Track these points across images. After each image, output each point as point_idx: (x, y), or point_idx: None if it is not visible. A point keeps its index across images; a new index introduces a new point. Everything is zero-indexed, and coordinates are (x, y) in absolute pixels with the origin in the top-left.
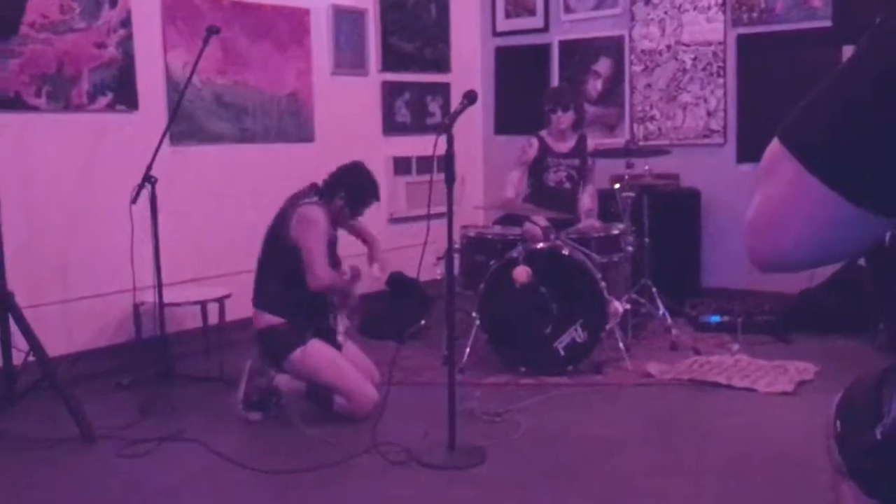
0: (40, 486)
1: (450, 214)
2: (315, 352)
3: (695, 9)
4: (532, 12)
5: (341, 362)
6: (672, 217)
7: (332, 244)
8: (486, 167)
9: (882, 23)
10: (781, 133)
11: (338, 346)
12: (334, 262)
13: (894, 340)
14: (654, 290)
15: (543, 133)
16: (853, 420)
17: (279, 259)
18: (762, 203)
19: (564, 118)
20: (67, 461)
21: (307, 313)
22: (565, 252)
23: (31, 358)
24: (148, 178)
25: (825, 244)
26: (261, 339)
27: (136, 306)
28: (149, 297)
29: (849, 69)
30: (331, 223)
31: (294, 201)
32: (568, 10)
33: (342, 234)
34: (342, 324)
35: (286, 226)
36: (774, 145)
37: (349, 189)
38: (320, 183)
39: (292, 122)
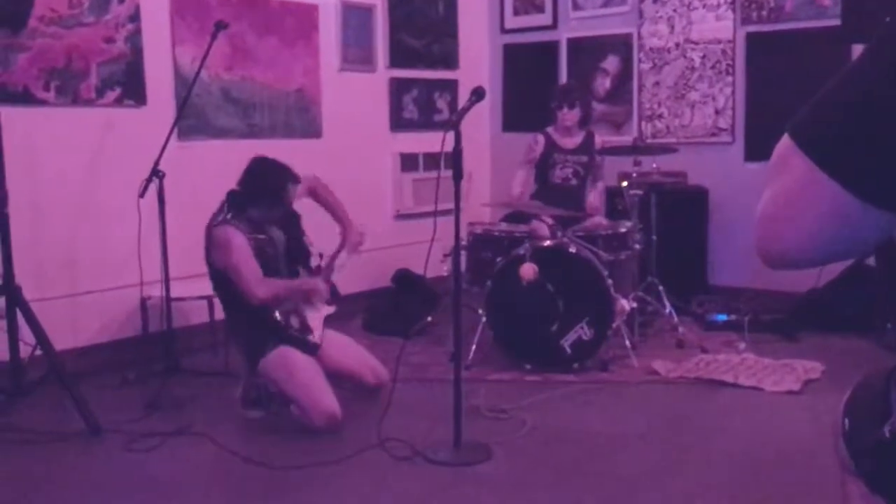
0: (47, 479)
1: (457, 211)
2: (271, 363)
3: (704, 7)
4: (540, 9)
5: (298, 372)
6: (679, 215)
7: (266, 249)
8: (493, 164)
9: (892, 22)
10: (791, 129)
11: (312, 346)
12: (295, 261)
13: None
14: (660, 288)
15: (550, 129)
16: (861, 418)
17: (216, 285)
18: (772, 199)
19: (570, 115)
20: (74, 455)
21: (264, 333)
22: (572, 250)
23: (37, 352)
24: (155, 173)
25: (834, 241)
26: (239, 353)
27: (143, 301)
28: (156, 291)
29: (859, 67)
30: (258, 229)
31: (207, 228)
32: (576, 7)
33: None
34: (314, 318)
35: (208, 252)
36: (785, 141)
37: (261, 190)
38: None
39: (300, 118)
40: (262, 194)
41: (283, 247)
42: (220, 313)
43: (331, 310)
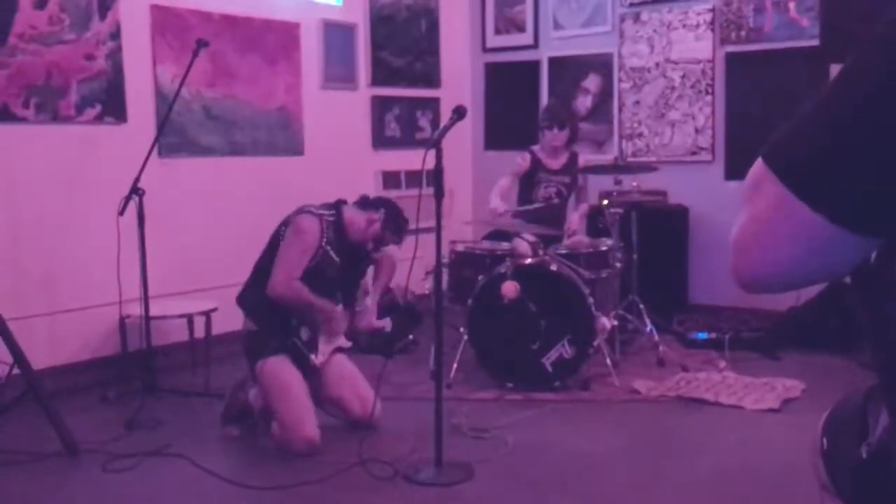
0: (23, 500)
1: (438, 229)
2: (268, 371)
3: (684, 27)
4: (522, 29)
5: (289, 390)
6: (660, 233)
7: (328, 269)
8: (475, 182)
9: (867, 44)
10: (765, 154)
11: (311, 366)
12: (344, 291)
13: (876, 359)
14: (641, 306)
15: (536, 148)
16: (840, 437)
17: (268, 262)
18: (746, 224)
19: (559, 136)
20: (51, 475)
21: (273, 325)
22: (553, 268)
23: (15, 371)
24: (135, 191)
25: (809, 265)
26: (241, 342)
27: (122, 319)
28: (135, 309)
29: (833, 91)
30: (343, 250)
31: (299, 208)
32: (557, 26)
33: None
34: (325, 342)
35: (281, 231)
36: (758, 166)
37: (388, 212)
38: (357, 198)
39: (282, 136)
40: (391, 219)
41: (340, 279)
42: (200, 331)
43: (346, 343)
